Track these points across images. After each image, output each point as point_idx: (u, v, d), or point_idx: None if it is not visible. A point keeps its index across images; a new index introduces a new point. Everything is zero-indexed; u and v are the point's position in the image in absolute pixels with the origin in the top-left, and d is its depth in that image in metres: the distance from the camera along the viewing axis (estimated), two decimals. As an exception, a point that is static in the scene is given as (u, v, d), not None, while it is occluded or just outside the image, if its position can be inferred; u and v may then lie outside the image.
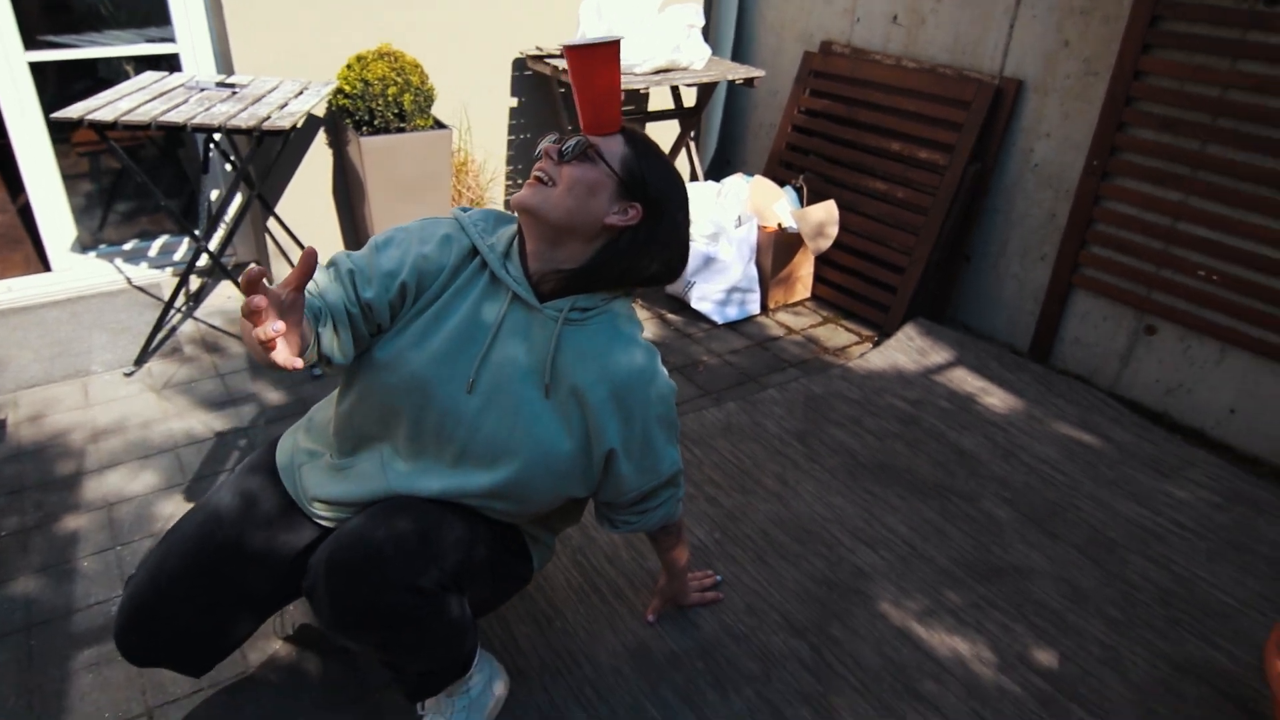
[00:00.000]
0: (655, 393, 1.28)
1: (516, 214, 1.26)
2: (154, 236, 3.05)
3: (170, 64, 2.78)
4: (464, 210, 1.34)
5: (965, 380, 2.64)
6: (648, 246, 1.26)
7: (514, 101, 3.21)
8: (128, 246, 2.98)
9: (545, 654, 1.65)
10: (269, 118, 2.25)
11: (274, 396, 2.44)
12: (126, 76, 2.68)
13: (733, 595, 1.81)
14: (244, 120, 2.21)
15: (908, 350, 2.79)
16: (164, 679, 1.57)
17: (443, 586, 1.20)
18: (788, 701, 1.58)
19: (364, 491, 1.30)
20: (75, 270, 2.87)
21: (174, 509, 1.99)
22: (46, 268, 2.84)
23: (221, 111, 2.26)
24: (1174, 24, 2.26)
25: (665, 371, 1.33)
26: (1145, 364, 2.52)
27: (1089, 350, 2.65)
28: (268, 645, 1.65)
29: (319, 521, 1.36)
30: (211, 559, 1.30)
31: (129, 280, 2.94)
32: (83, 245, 2.89)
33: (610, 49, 1.19)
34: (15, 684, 1.55)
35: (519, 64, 3.16)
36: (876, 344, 2.88)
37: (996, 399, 2.56)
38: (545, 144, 1.24)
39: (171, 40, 2.75)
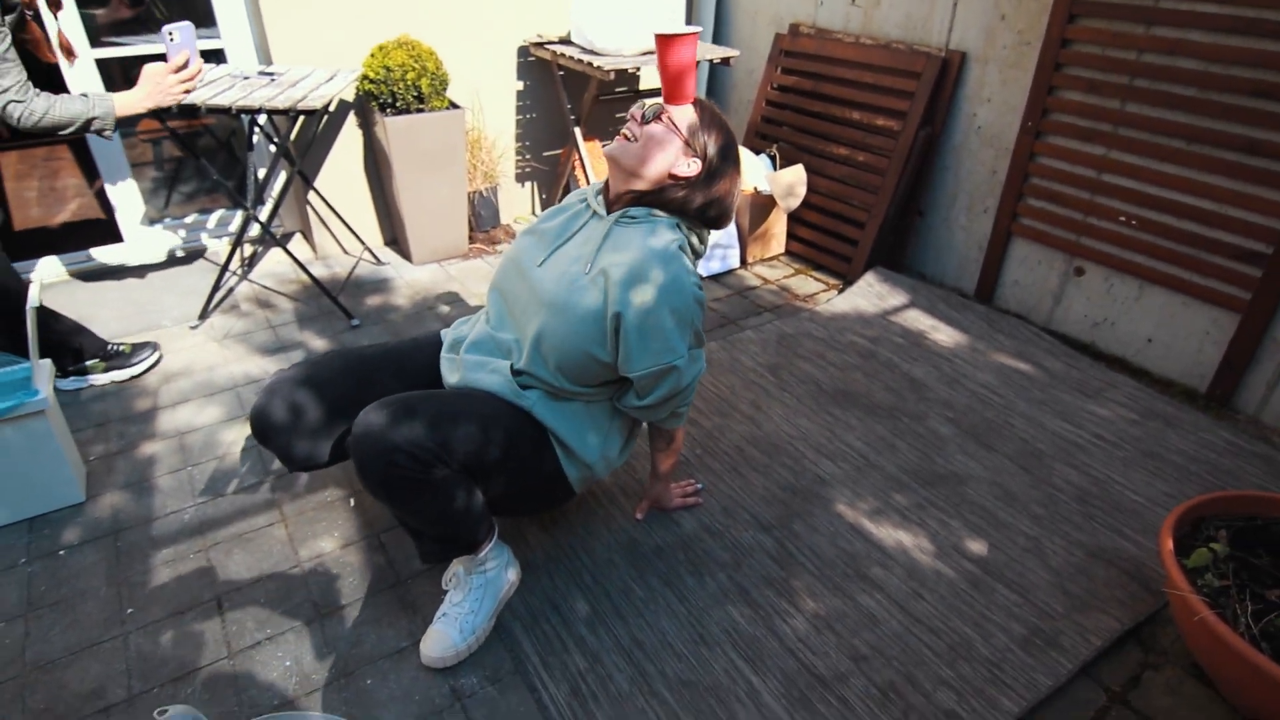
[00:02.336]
0: (671, 285, 1.35)
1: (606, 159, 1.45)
2: (211, 211, 3.07)
3: (217, 57, 2.77)
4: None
5: (918, 319, 2.65)
6: (703, 194, 1.43)
7: (520, 85, 3.19)
8: (189, 220, 3.01)
9: (549, 547, 1.71)
10: (304, 99, 2.25)
11: (319, 343, 2.48)
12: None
13: (710, 500, 1.85)
14: (281, 102, 2.22)
15: (868, 295, 2.80)
16: (230, 571, 1.64)
17: (439, 458, 1.27)
18: (754, 584, 1.63)
19: (455, 380, 1.50)
20: (145, 241, 2.90)
21: (235, 435, 2.05)
22: (120, 240, 2.87)
23: (262, 95, 2.27)
24: (1100, -4, 2.22)
25: (694, 280, 1.40)
26: (1075, 301, 2.53)
27: (1026, 291, 2.65)
28: (319, 545, 1.71)
29: None
30: (363, 365, 1.51)
31: (191, 249, 2.97)
32: (150, 220, 2.92)
33: (690, 37, 1.34)
34: (106, 577, 1.62)
35: (523, 51, 3.13)
36: (841, 290, 2.89)
37: (944, 335, 2.57)
38: (633, 110, 1.41)
39: (217, 36, 2.74)
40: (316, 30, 2.70)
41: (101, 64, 2.59)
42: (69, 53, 1.88)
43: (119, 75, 2.76)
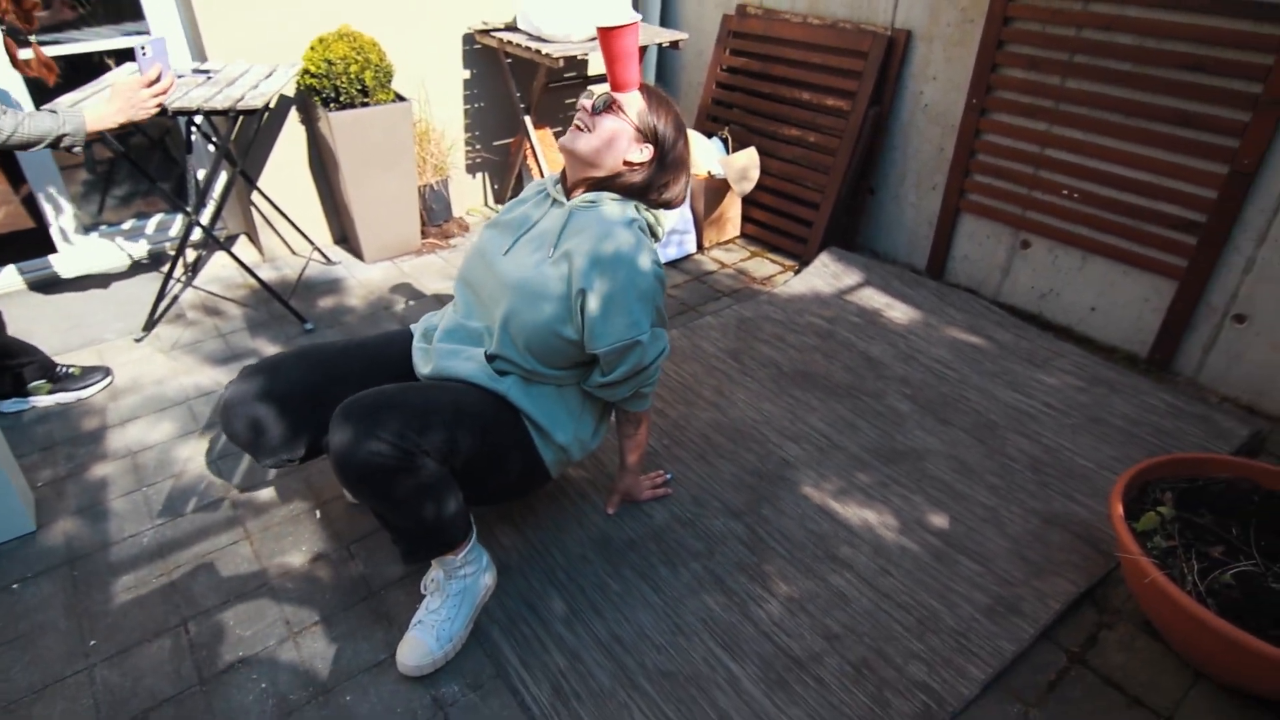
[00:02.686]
0: (632, 263, 1.40)
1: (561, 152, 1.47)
2: (149, 216, 2.95)
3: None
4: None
5: (872, 298, 2.70)
6: (656, 177, 1.48)
7: (466, 74, 3.13)
8: (126, 226, 2.89)
9: (522, 547, 1.71)
10: (243, 98, 2.17)
11: (272, 350, 2.42)
12: (108, 69, 2.56)
13: (680, 489, 1.87)
14: (220, 102, 2.13)
15: (823, 275, 2.83)
16: (194, 593, 1.60)
17: (418, 449, 1.27)
18: (728, 572, 1.66)
19: (428, 370, 1.51)
20: (79, 251, 2.78)
21: (190, 451, 1.99)
22: (53, 250, 2.75)
23: (199, 95, 2.18)
24: (1037, -27, 2.26)
25: (653, 260, 1.44)
26: (1022, 274, 2.60)
27: (975, 265, 2.72)
28: (287, 560, 1.68)
29: None
30: (334, 359, 1.52)
31: (130, 256, 2.86)
32: (84, 227, 2.80)
33: (631, 27, 1.38)
34: (65, 609, 1.57)
35: (468, 39, 3.06)
36: (797, 272, 2.93)
37: (899, 312, 2.62)
38: (582, 100, 1.45)
39: (146, 33, 2.62)
40: (251, 23, 2.60)
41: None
42: (49, 69, 1.81)
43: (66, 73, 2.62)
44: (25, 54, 1.88)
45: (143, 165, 2.29)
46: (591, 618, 1.55)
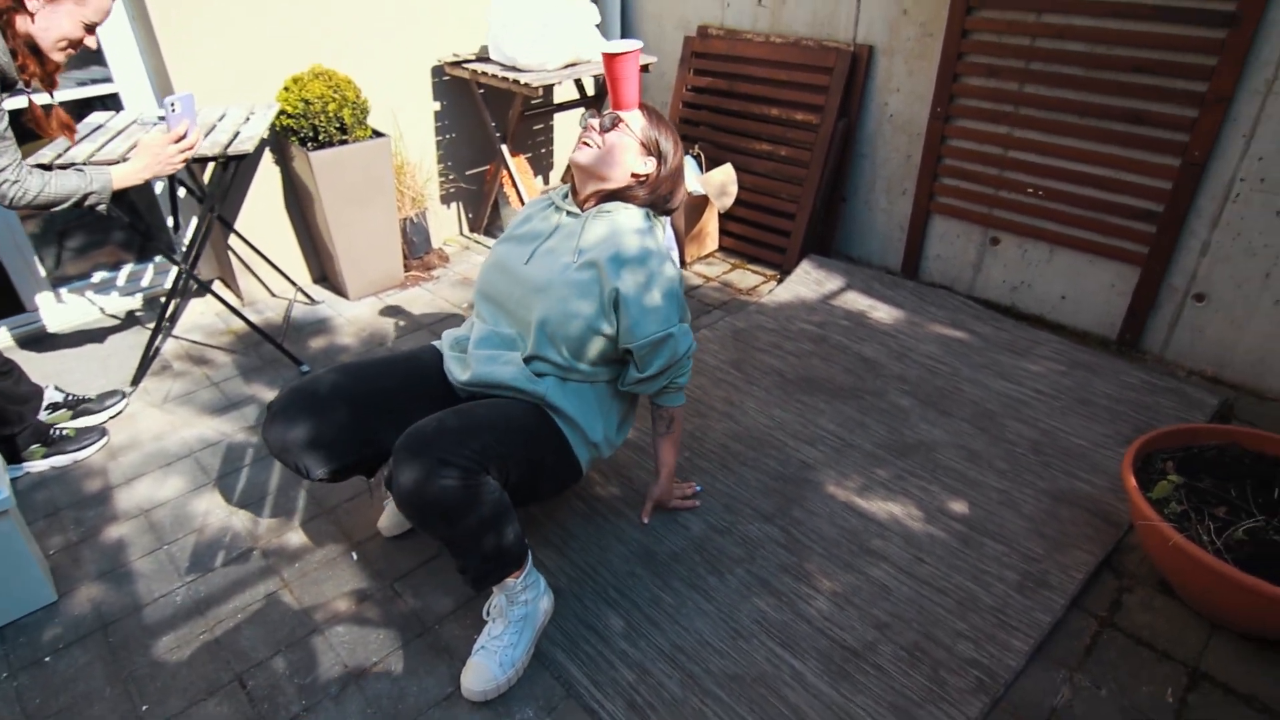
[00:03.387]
0: (654, 264, 1.53)
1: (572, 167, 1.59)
2: (117, 267, 2.87)
3: (112, 103, 2.60)
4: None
5: (856, 300, 2.83)
6: (659, 186, 1.62)
7: (437, 106, 3.15)
8: (96, 279, 2.80)
9: (569, 570, 1.74)
10: (230, 143, 2.16)
11: (270, 395, 2.38)
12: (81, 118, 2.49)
13: (710, 499, 1.93)
14: (208, 148, 2.11)
15: (806, 282, 2.95)
16: (242, 647, 1.58)
17: (478, 464, 1.32)
18: (772, 574, 1.72)
19: (466, 377, 1.57)
20: (48, 307, 2.68)
21: (208, 505, 1.95)
22: (21, 309, 2.65)
23: (181, 142, 2.15)
24: (989, -12, 2.44)
25: (670, 260, 1.57)
26: (993, 269, 2.76)
27: (948, 263, 2.88)
28: (332, 605, 1.67)
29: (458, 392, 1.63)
30: (377, 372, 1.58)
31: (101, 309, 2.77)
32: (52, 283, 2.70)
33: (634, 54, 1.53)
34: (106, 677, 1.53)
35: (437, 71, 3.09)
36: (780, 281, 3.04)
37: (883, 313, 2.75)
38: (589, 120, 1.57)
39: (109, 80, 2.56)
40: (220, 67, 2.57)
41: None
42: (69, 130, 1.80)
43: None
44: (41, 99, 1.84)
45: (105, 217, 2.24)
46: (651, 631, 1.59)
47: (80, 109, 2.62)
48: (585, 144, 1.56)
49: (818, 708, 1.43)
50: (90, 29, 1.67)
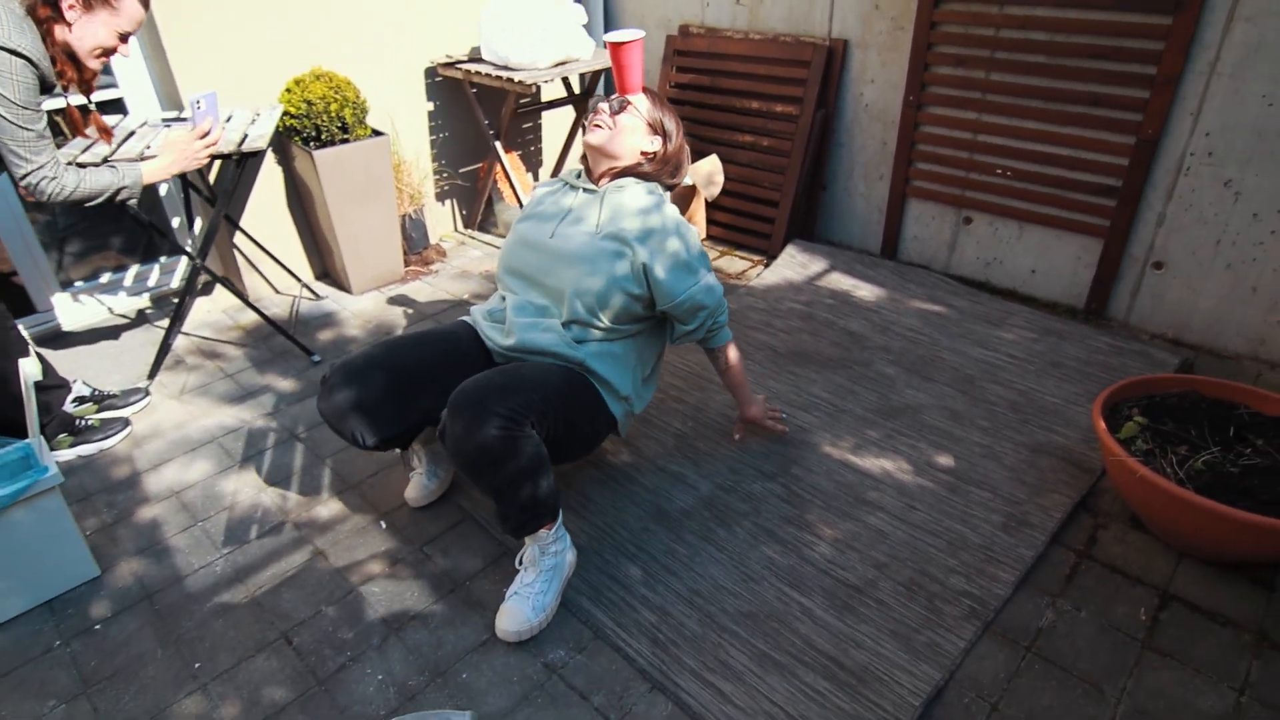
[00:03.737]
0: (673, 228, 1.71)
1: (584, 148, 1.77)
2: (123, 268, 2.94)
3: (115, 107, 2.67)
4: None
5: (840, 280, 2.98)
6: (666, 162, 1.80)
7: (430, 106, 3.26)
8: (104, 279, 2.87)
9: (590, 530, 1.86)
10: (243, 141, 2.25)
11: (284, 384, 2.48)
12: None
13: (715, 462, 2.06)
14: (223, 147, 2.21)
15: (792, 265, 3.10)
16: (284, 609, 1.68)
17: (521, 416, 1.45)
18: (777, 525, 1.85)
19: (511, 342, 1.71)
20: (62, 307, 2.75)
21: (235, 484, 2.04)
22: (32, 309, 2.71)
23: (195, 142, 2.24)
24: (955, -17, 2.61)
25: (684, 222, 1.76)
26: (967, 247, 2.93)
27: (924, 244, 3.04)
28: (366, 568, 1.77)
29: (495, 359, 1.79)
30: (416, 345, 1.71)
31: (110, 309, 2.84)
32: (61, 284, 2.77)
33: (638, 42, 1.69)
34: (157, 639, 1.62)
35: (430, 72, 3.20)
36: (767, 265, 3.18)
37: (866, 291, 2.91)
38: (599, 104, 1.74)
39: (114, 86, 2.64)
40: (222, 71, 2.66)
41: None
42: (106, 133, 1.92)
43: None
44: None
45: (100, 219, 2.33)
46: (668, 578, 1.71)
47: (84, 113, 2.70)
48: (597, 126, 1.72)
49: (826, 636, 1.56)
50: (124, 38, 1.77)
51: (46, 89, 1.73)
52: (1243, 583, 1.66)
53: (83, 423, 2.16)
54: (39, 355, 2.07)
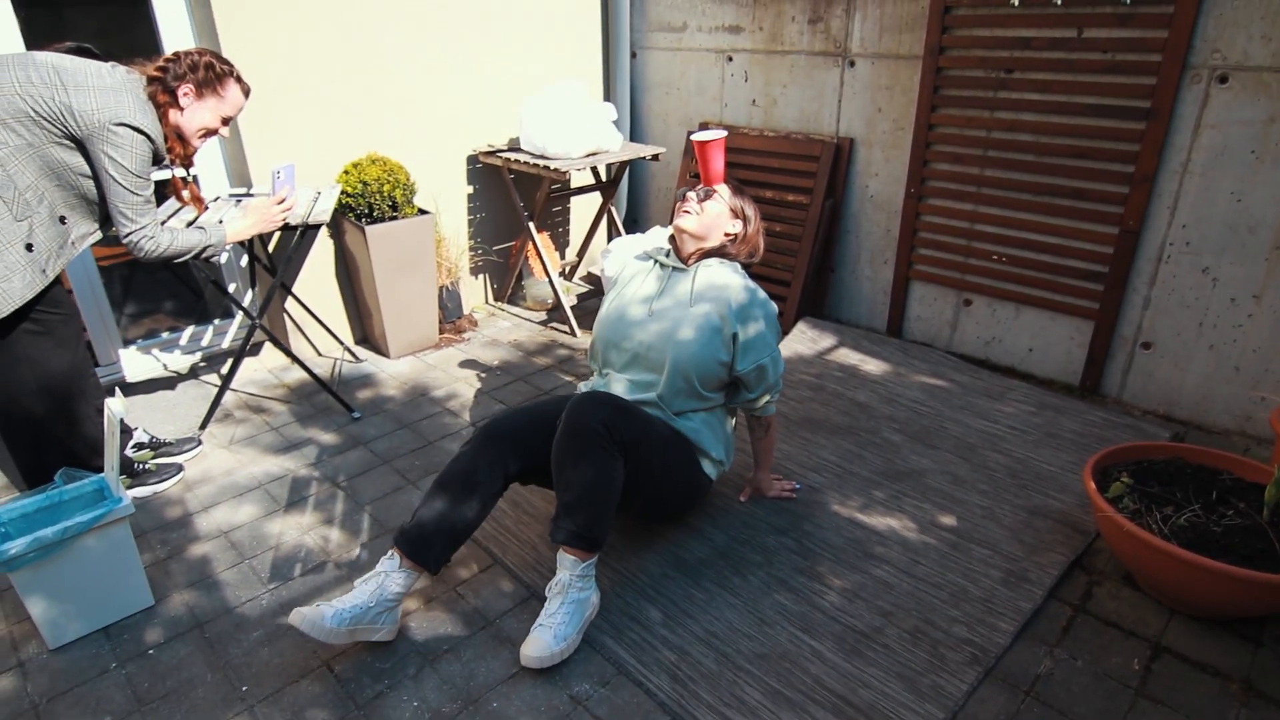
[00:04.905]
0: (763, 305, 1.96)
1: (673, 231, 2.02)
2: (179, 329, 3.16)
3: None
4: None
5: (848, 355, 3.15)
6: (746, 243, 2.05)
7: (470, 188, 3.54)
8: (164, 337, 3.09)
9: (612, 575, 1.97)
10: (310, 214, 2.50)
11: (326, 437, 2.64)
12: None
13: (731, 516, 2.18)
14: (292, 219, 2.45)
15: (803, 340, 3.28)
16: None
17: (617, 433, 1.68)
18: (789, 574, 1.96)
19: None
20: (128, 360, 2.96)
21: (280, 527, 2.18)
22: (96, 363, 2.91)
23: (267, 215, 2.49)
24: (950, 91, 2.88)
25: (766, 296, 1.99)
26: (968, 327, 3.11)
27: (927, 323, 3.22)
28: (404, 607, 1.88)
29: None
30: (537, 416, 1.89)
31: (165, 365, 3.04)
32: (124, 341, 2.98)
33: (721, 140, 1.95)
34: (207, 664, 1.73)
35: (472, 159, 3.50)
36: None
37: (873, 365, 3.08)
38: (687, 192, 2.00)
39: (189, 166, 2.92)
40: (289, 154, 2.95)
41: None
42: (199, 202, 2.21)
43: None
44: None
45: (157, 282, 2.57)
46: (686, 620, 1.81)
47: (162, 187, 2.98)
48: (686, 212, 1.97)
49: (835, 677, 1.65)
50: (225, 121, 2.04)
51: (157, 161, 1.98)
52: (1231, 637, 1.75)
53: (140, 466, 2.32)
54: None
